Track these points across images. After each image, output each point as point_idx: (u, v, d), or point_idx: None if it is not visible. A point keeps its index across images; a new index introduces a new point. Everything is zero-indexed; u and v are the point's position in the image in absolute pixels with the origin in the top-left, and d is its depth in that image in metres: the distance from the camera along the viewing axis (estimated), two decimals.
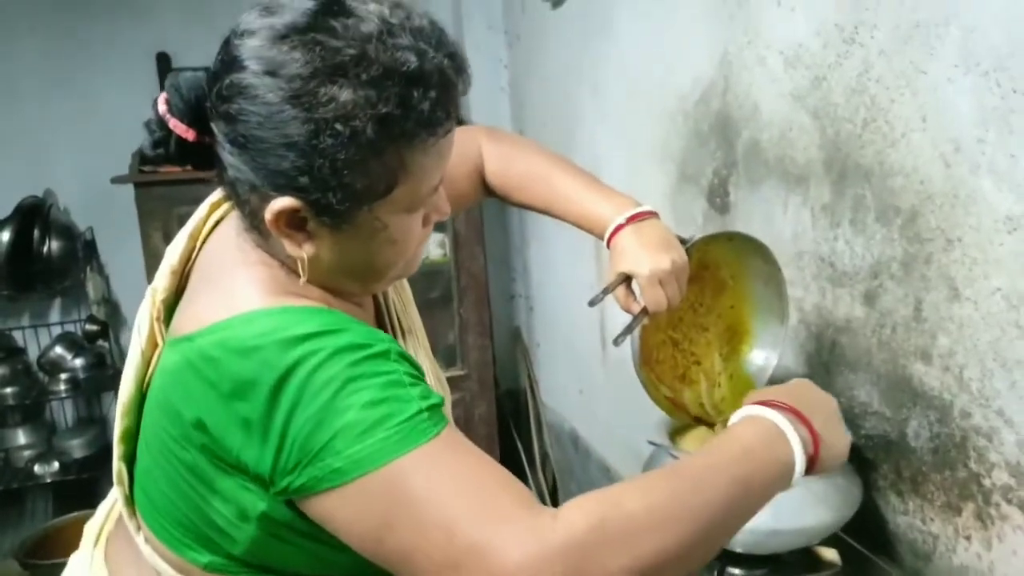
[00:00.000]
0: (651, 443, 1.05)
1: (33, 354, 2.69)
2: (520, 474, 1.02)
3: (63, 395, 2.65)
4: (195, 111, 0.71)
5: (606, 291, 0.99)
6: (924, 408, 1.05)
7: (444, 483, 0.62)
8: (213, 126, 0.70)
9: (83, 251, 2.56)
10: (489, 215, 2.85)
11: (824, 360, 1.24)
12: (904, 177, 1.04)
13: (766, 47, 1.31)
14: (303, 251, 0.71)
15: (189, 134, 0.71)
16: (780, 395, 0.77)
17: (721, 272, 1.15)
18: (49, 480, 2.54)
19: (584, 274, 2.28)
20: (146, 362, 0.76)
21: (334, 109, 0.65)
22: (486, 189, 1.09)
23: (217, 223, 0.82)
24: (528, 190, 1.05)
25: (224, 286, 0.74)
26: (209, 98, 0.69)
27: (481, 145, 1.08)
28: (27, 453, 2.62)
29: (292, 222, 0.70)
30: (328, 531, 0.66)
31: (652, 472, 0.68)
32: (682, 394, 1.16)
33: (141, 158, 2.29)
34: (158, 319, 0.77)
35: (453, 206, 1.09)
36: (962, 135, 0.94)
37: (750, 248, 1.12)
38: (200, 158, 0.73)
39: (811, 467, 0.75)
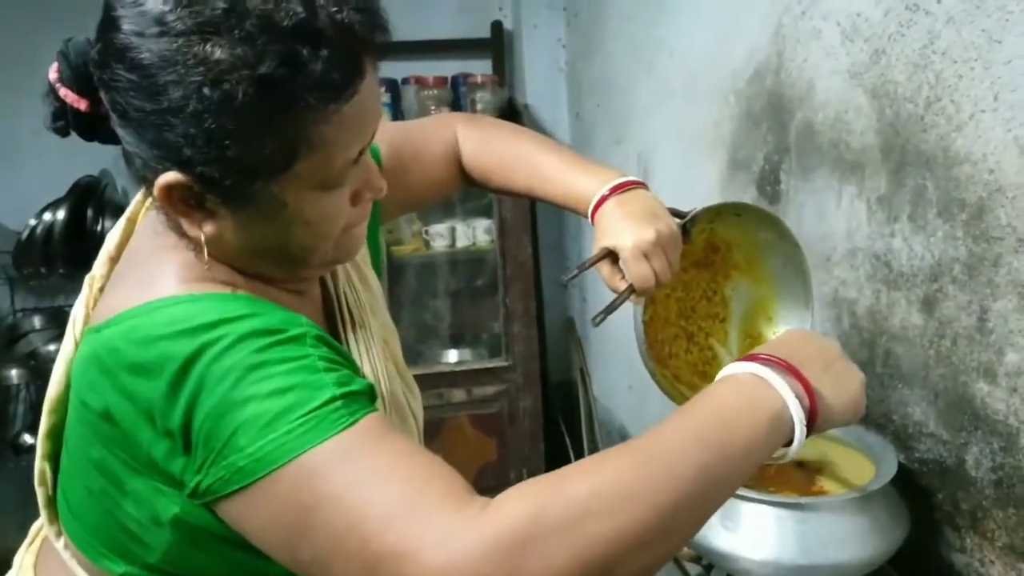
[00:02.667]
0: None
1: None
2: None
3: None
4: (83, 78, 0.63)
5: (582, 267, 0.89)
6: (987, 434, 0.91)
7: (359, 479, 0.54)
8: (101, 94, 0.62)
9: None
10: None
11: (877, 372, 1.10)
12: (971, 165, 0.90)
13: (822, 17, 1.16)
14: (202, 231, 0.64)
15: (81, 103, 0.64)
16: (762, 349, 0.66)
17: (734, 255, 1.02)
18: None
19: None
20: None
21: (204, 70, 0.56)
22: (465, 176, 1.00)
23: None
24: (507, 172, 0.95)
25: (139, 273, 0.68)
26: (98, 52, 0.61)
27: (457, 130, 0.99)
28: None
29: (186, 199, 0.63)
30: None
31: (606, 450, 0.57)
32: None
33: None
34: (93, 308, 0.71)
35: (430, 194, 1.01)
36: None
37: (762, 223, 0.97)
38: (99, 131, 0.65)
39: (812, 421, 0.64)
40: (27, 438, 2.61)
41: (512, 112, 2.61)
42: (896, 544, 0.92)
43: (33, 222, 2.47)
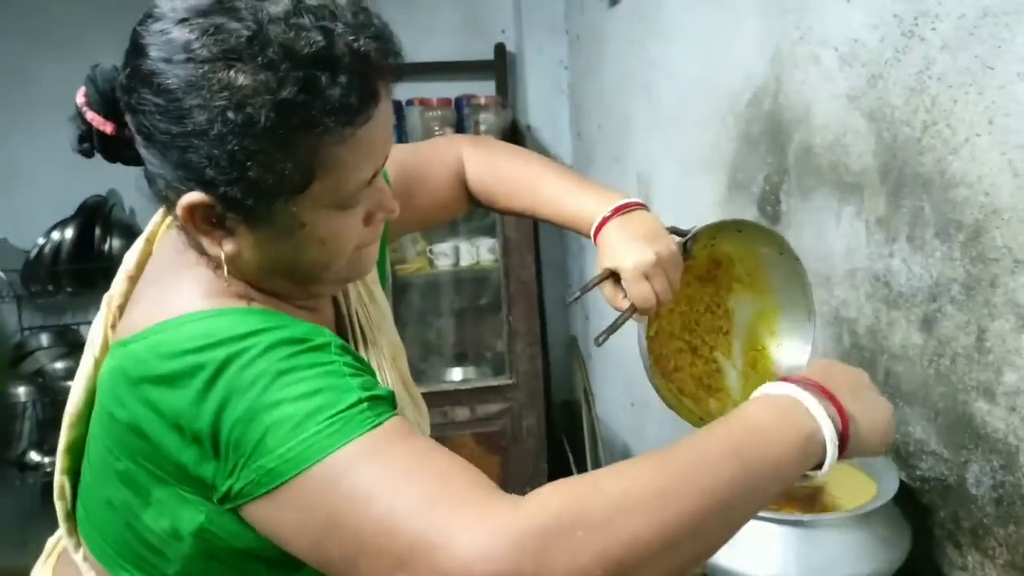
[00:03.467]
0: None
1: None
2: None
3: None
4: (110, 103, 0.66)
5: (584, 288, 0.91)
6: (987, 452, 0.92)
7: (387, 476, 0.55)
8: (127, 117, 0.65)
9: None
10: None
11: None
12: (967, 188, 0.91)
13: (820, 43, 1.19)
14: (222, 249, 0.66)
15: (107, 127, 0.67)
16: (795, 374, 0.68)
17: (736, 268, 1.03)
18: None
19: None
20: (98, 370, 0.72)
21: (228, 95, 0.59)
22: (471, 198, 1.03)
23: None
24: (512, 194, 0.97)
25: (162, 289, 0.70)
26: (121, 84, 0.65)
27: (463, 153, 1.01)
28: None
29: (208, 218, 0.65)
30: (274, 547, 0.60)
31: (640, 455, 0.59)
32: (707, 404, 1.05)
33: None
34: (112, 326, 0.73)
35: (436, 215, 1.04)
36: None
37: (762, 239, 0.99)
38: (124, 154, 0.68)
39: (843, 445, 0.65)
40: (33, 455, 2.62)
41: (515, 132, 2.64)
42: (898, 562, 0.93)
43: (41, 241, 2.49)
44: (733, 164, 1.53)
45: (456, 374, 2.66)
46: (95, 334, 0.74)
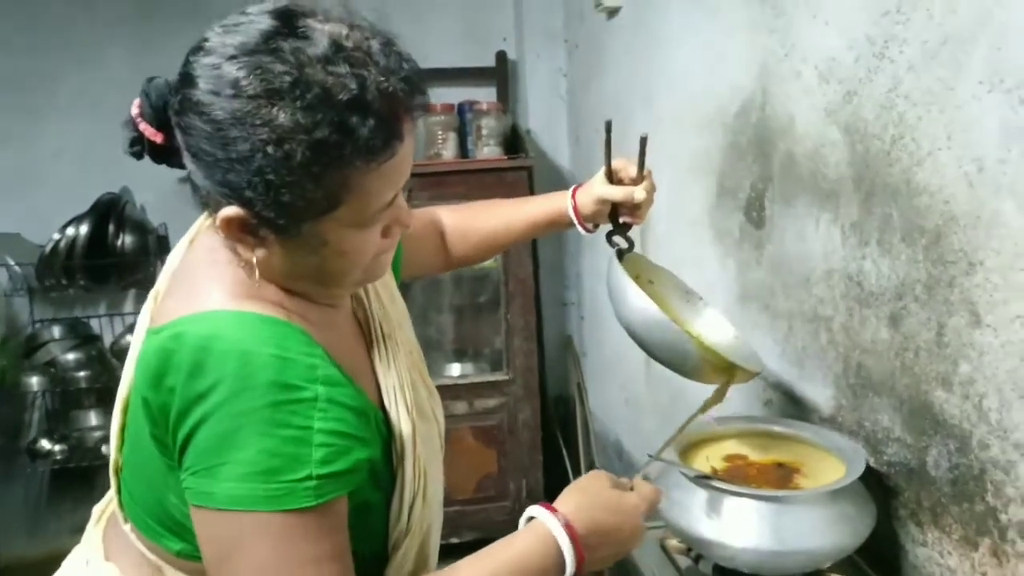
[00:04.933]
0: (653, 457, 1.04)
1: (107, 341, 2.83)
2: (564, 481, 1.04)
3: None
4: (161, 117, 0.74)
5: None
6: (944, 437, 1.01)
7: (273, 564, 0.67)
8: (177, 132, 0.73)
9: (155, 246, 2.69)
10: None
11: (851, 383, 1.21)
12: (929, 196, 1.01)
13: (802, 60, 1.28)
14: (253, 255, 0.74)
15: (157, 137, 0.74)
16: (591, 518, 0.80)
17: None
18: None
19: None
20: None
21: (269, 131, 0.66)
22: (448, 251, 1.19)
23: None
24: (483, 221, 1.13)
25: (194, 284, 0.77)
26: (177, 97, 0.71)
27: (441, 217, 1.19)
28: (97, 434, 2.76)
29: (244, 229, 0.72)
30: None
31: (444, 571, 0.74)
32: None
33: None
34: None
35: (418, 270, 1.19)
36: (986, 154, 0.91)
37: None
38: (172, 160, 0.76)
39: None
40: (44, 444, 2.70)
41: (515, 137, 2.73)
42: (863, 535, 1.02)
43: (56, 236, 2.57)
44: (722, 171, 1.62)
45: (455, 369, 2.74)
46: (141, 325, 0.83)
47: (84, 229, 2.56)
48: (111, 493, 0.89)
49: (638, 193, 1.08)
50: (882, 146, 1.09)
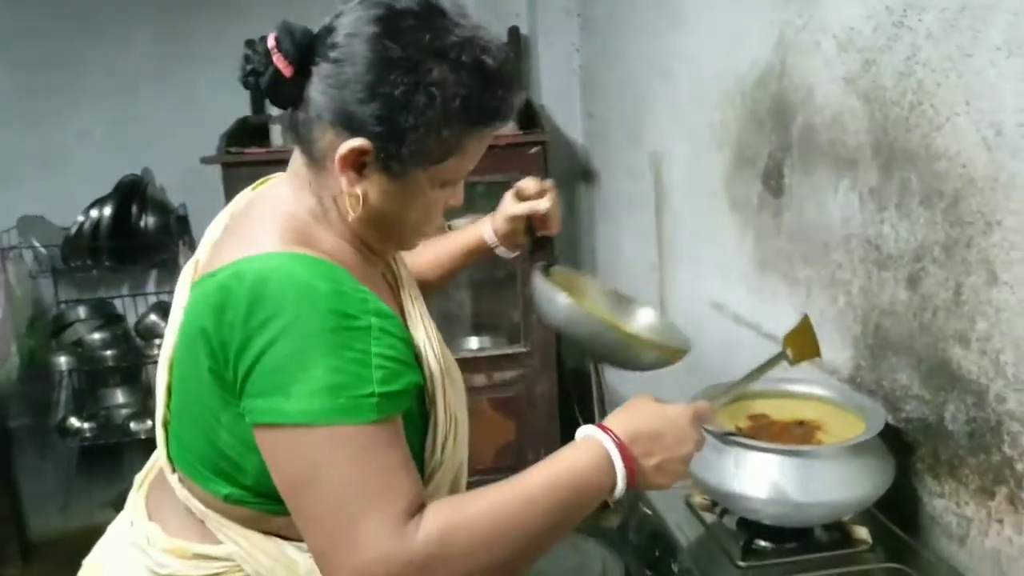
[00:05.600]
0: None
1: (131, 321, 2.87)
2: None
3: (157, 359, 2.83)
4: (302, 52, 0.80)
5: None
6: (961, 392, 1.05)
7: (351, 470, 0.71)
8: (314, 67, 0.80)
9: (176, 226, 2.73)
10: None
11: (869, 343, 1.25)
12: (948, 161, 1.04)
13: (821, 30, 1.31)
14: (357, 189, 0.81)
15: (288, 70, 0.80)
16: (617, 425, 0.84)
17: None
18: (143, 436, 2.73)
19: (647, 257, 2.31)
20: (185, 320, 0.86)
21: (434, 78, 0.78)
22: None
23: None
24: (413, 259, 1.12)
25: (248, 234, 0.83)
26: (322, 41, 0.80)
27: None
28: (124, 412, 2.82)
29: (358, 162, 0.80)
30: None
31: (498, 486, 0.77)
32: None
33: (227, 139, 2.44)
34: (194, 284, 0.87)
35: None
36: (1004, 119, 0.94)
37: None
38: (282, 95, 0.82)
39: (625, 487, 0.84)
40: (73, 422, 2.76)
41: (529, 112, 2.75)
42: (882, 488, 1.07)
43: (81, 218, 2.61)
44: (740, 141, 1.66)
45: (473, 343, 2.79)
46: (181, 290, 0.89)
47: (108, 210, 2.60)
48: (153, 459, 0.95)
49: (542, 204, 1.16)
50: (901, 113, 1.12)
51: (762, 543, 1.11)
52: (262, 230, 0.82)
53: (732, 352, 1.69)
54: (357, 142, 0.78)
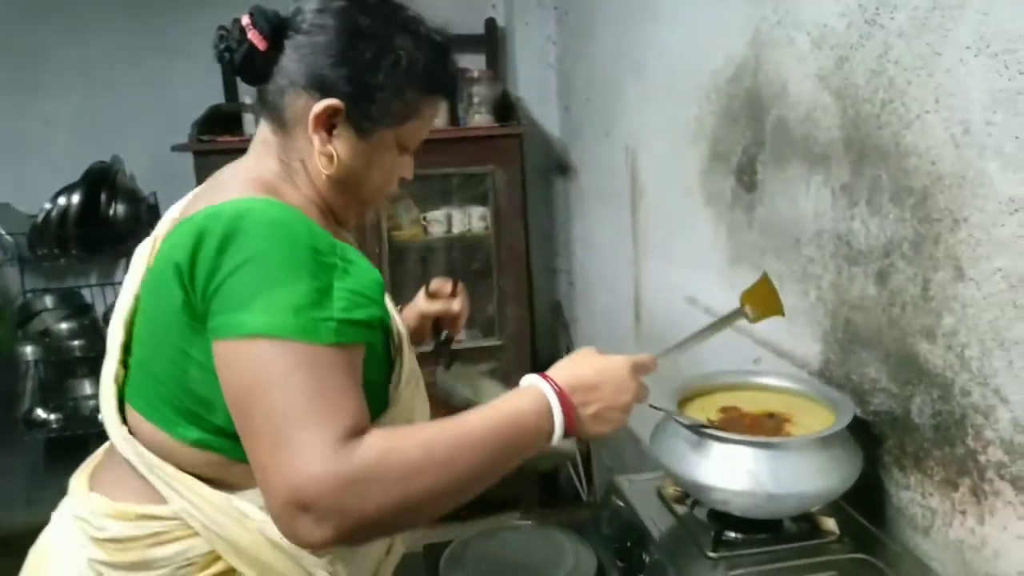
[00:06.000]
0: (653, 407, 1.09)
1: (100, 311, 2.84)
2: None
3: None
4: (275, 27, 0.89)
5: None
6: (928, 386, 1.07)
7: (305, 388, 0.72)
8: (287, 41, 0.88)
9: (147, 215, 2.69)
10: (532, 191, 2.90)
11: (838, 337, 1.27)
12: (917, 158, 1.06)
13: (795, 27, 1.32)
14: (330, 146, 0.89)
15: (263, 44, 0.88)
16: (558, 375, 0.88)
17: None
18: None
19: (622, 251, 2.32)
20: (142, 287, 0.90)
21: (397, 44, 0.89)
22: None
23: None
24: None
25: (216, 192, 0.87)
26: (294, 19, 0.89)
27: None
28: (92, 403, 2.78)
29: (329, 121, 0.88)
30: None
31: (439, 423, 0.79)
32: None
33: (199, 127, 2.41)
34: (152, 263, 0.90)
35: None
36: (972, 117, 0.96)
37: None
38: (255, 69, 0.89)
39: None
40: (40, 413, 2.72)
41: (505, 104, 2.75)
42: (850, 480, 1.08)
43: (48, 206, 2.57)
44: (714, 137, 1.67)
45: None
46: (139, 259, 0.94)
47: (76, 198, 2.56)
48: (100, 450, 0.98)
49: (455, 305, 1.27)
50: (872, 110, 1.14)
51: (732, 534, 1.12)
52: (231, 189, 0.87)
53: (705, 345, 1.70)
54: (331, 101, 0.87)
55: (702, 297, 1.80)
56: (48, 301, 2.76)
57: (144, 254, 0.94)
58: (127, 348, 0.92)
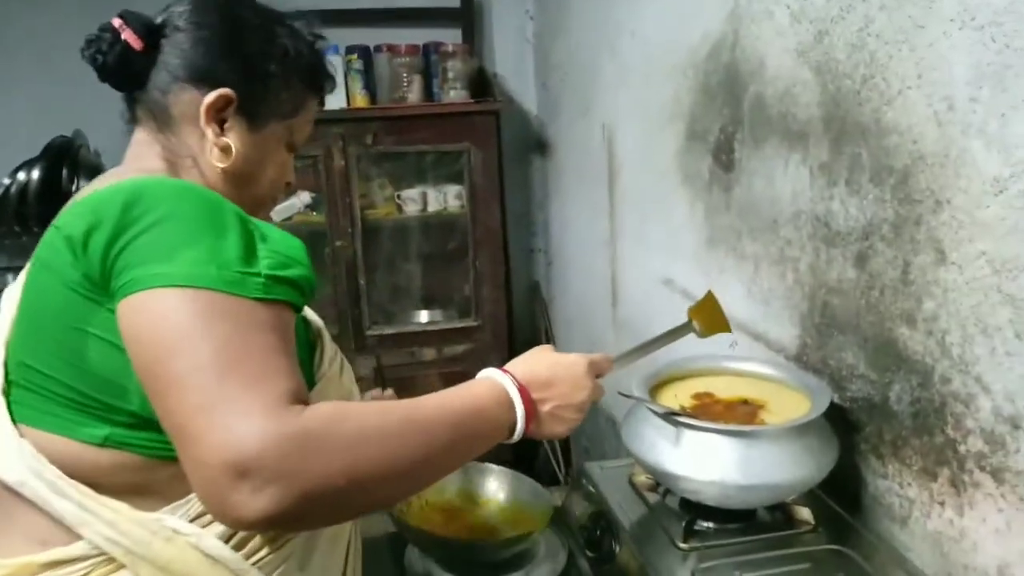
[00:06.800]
0: (622, 394, 1.05)
1: None
2: None
3: None
4: (150, 27, 0.86)
5: None
6: (907, 372, 1.04)
7: (230, 342, 0.64)
8: (164, 40, 0.86)
9: None
10: (509, 169, 2.85)
11: (816, 322, 1.23)
12: (898, 136, 1.01)
13: (774, 0, 1.27)
14: (224, 137, 0.87)
15: (139, 43, 0.85)
16: (518, 369, 0.85)
17: None
18: None
19: (599, 231, 2.27)
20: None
21: (281, 37, 0.90)
22: None
23: None
24: None
25: (117, 175, 0.82)
26: (174, 12, 0.87)
27: None
28: None
29: (220, 113, 0.86)
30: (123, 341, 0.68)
31: (398, 402, 0.72)
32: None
33: None
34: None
35: None
36: (956, 93, 0.91)
37: None
38: (130, 71, 0.86)
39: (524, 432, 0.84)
40: None
41: (482, 80, 2.68)
42: (826, 469, 1.05)
43: (7, 182, 2.48)
44: (692, 115, 1.62)
45: (424, 316, 2.74)
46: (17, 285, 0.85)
47: (36, 174, 2.47)
48: None
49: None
50: (852, 86, 1.09)
51: (704, 524, 1.09)
52: (130, 171, 0.83)
53: None
54: (223, 90, 0.85)
55: (679, 279, 1.76)
56: (10, 279, 2.68)
57: (21, 280, 0.83)
58: (9, 360, 0.79)
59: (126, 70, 0.86)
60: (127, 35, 0.84)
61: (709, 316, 1.12)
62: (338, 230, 2.49)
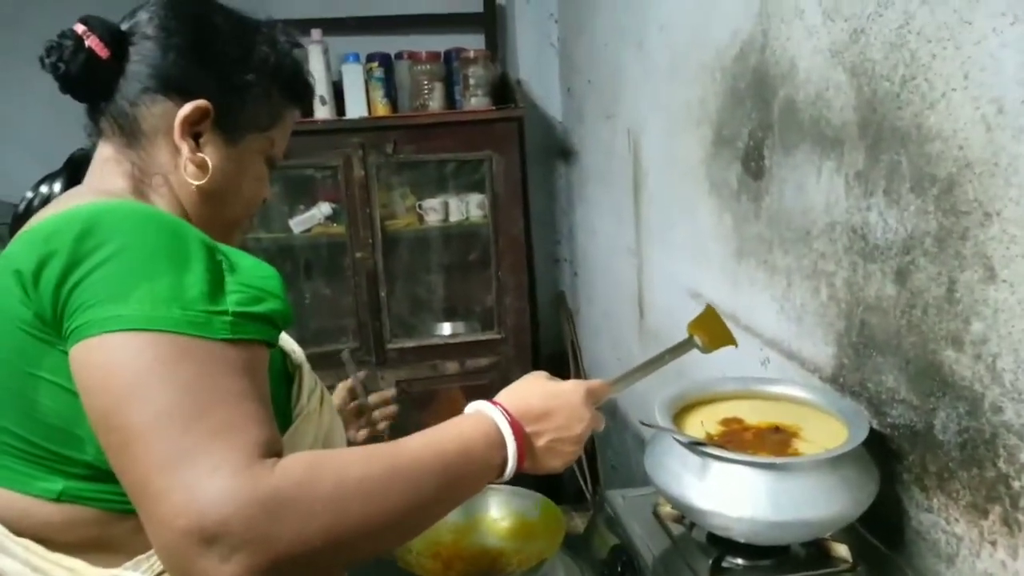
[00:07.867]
0: (644, 424, 0.98)
1: None
2: None
3: None
4: (116, 34, 0.80)
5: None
6: (953, 399, 0.95)
7: (194, 387, 0.58)
8: (132, 48, 0.80)
9: None
10: (533, 177, 2.79)
11: (853, 341, 1.15)
12: (942, 142, 0.93)
13: None
14: (200, 152, 0.81)
15: (104, 52, 0.79)
16: (510, 402, 0.78)
17: None
18: None
19: (625, 240, 2.20)
20: None
21: (259, 45, 0.85)
22: None
23: None
24: None
25: (76, 198, 0.75)
26: (141, 19, 0.81)
27: None
28: None
29: (197, 126, 0.81)
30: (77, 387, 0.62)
31: (378, 446, 0.66)
32: None
33: None
34: None
35: None
36: (1006, 95, 0.83)
37: None
38: (95, 81, 0.79)
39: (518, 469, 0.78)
40: None
41: (504, 87, 2.63)
42: (865, 504, 0.97)
43: (30, 194, 2.48)
44: (719, 120, 1.54)
45: (446, 328, 2.68)
46: None
47: (58, 187, 2.47)
48: None
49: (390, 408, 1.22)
50: (891, 88, 1.01)
51: (733, 560, 1.02)
52: (74, 202, 0.72)
53: None
54: (199, 102, 0.80)
55: (706, 292, 1.68)
56: None
57: None
58: None
59: (91, 80, 0.79)
60: (92, 42, 0.78)
61: (711, 330, 1.05)
62: (358, 241, 2.45)
